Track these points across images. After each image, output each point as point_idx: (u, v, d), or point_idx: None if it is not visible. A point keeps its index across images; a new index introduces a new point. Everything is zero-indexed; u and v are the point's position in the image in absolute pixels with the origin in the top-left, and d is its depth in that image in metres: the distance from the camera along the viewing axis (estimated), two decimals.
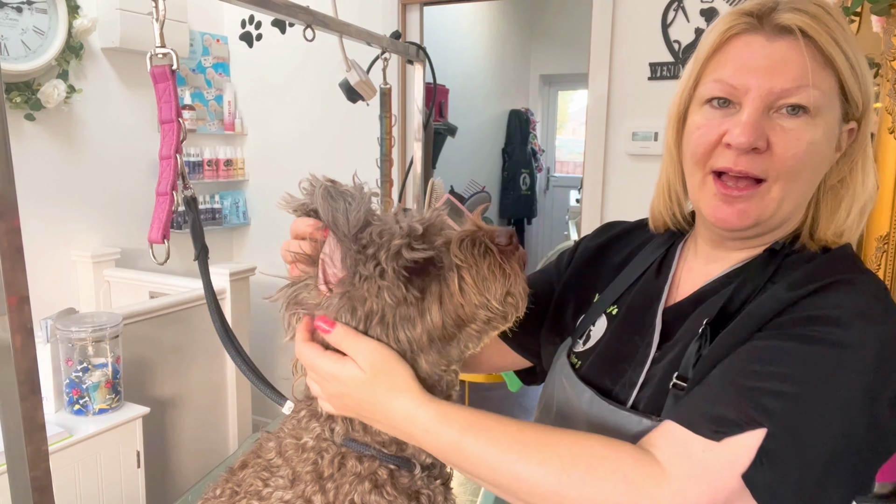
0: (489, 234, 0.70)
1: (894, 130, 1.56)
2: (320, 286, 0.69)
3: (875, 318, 0.65)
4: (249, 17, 3.34)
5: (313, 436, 0.73)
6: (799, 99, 0.67)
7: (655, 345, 0.79)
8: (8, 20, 2.40)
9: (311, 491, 0.69)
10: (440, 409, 0.67)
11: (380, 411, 0.68)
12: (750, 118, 0.68)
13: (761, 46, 0.69)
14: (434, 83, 1.93)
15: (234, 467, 0.78)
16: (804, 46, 0.68)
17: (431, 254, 0.68)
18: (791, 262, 0.74)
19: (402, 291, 0.66)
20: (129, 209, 2.95)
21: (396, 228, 0.68)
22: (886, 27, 1.60)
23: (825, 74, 0.68)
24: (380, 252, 0.66)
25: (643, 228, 0.94)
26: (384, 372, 0.68)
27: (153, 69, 0.99)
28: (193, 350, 2.56)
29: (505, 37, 5.95)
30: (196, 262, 0.98)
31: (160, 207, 0.97)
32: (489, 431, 0.65)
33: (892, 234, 1.57)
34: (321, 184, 0.67)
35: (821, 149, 0.70)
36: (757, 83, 0.69)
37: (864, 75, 0.71)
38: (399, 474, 0.72)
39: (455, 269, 0.68)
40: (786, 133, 0.68)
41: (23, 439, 0.75)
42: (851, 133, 0.74)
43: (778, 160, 0.69)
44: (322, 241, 0.69)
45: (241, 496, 0.73)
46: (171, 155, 0.98)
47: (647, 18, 2.44)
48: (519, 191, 6.13)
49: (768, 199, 0.71)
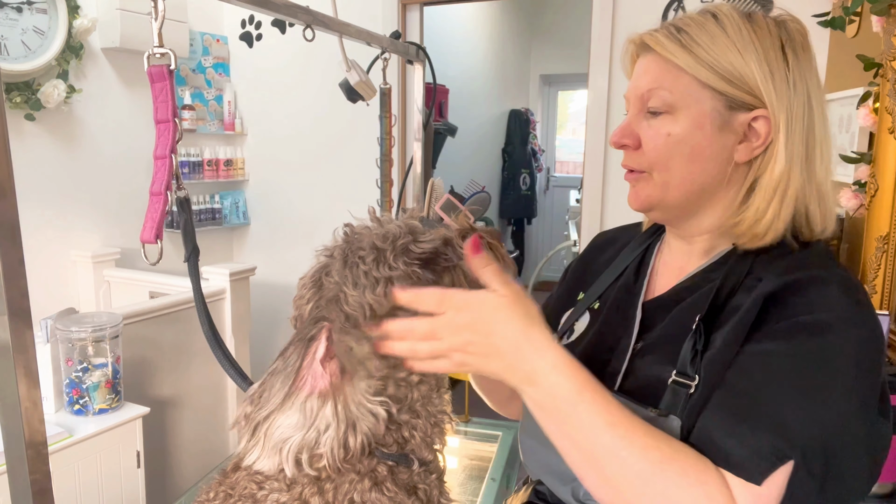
0: (486, 231, 0.78)
1: (894, 130, 1.56)
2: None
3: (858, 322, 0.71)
4: (249, 17, 3.34)
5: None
6: (652, 102, 0.80)
7: (635, 336, 0.85)
8: (8, 20, 2.40)
9: (308, 493, 0.68)
10: (567, 355, 0.68)
11: (506, 337, 0.67)
12: (623, 122, 0.84)
13: (638, 64, 0.85)
14: (434, 83, 1.93)
15: (227, 469, 0.77)
16: (655, 58, 0.81)
17: (438, 244, 0.71)
18: (767, 257, 0.80)
19: (415, 280, 0.68)
20: (129, 209, 2.95)
21: (395, 228, 0.69)
22: (886, 27, 1.60)
23: (675, 76, 0.79)
24: (386, 254, 0.68)
25: (627, 231, 1.04)
26: (523, 300, 0.69)
27: (150, 69, 0.99)
28: (193, 350, 2.56)
29: (505, 37, 5.95)
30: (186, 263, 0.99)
31: (153, 207, 0.97)
32: (604, 396, 0.67)
33: (892, 234, 1.57)
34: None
35: (687, 138, 0.79)
36: (631, 94, 0.84)
37: (737, 66, 0.76)
38: (398, 470, 0.72)
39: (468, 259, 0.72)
40: (649, 129, 0.81)
41: (23, 439, 0.75)
42: (766, 122, 0.77)
43: (645, 153, 0.82)
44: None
45: (236, 499, 0.72)
46: (165, 155, 0.98)
47: (648, 18, 2.44)
48: (519, 191, 6.13)
49: (653, 185, 0.82)
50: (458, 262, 0.72)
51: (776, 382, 0.68)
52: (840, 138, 1.91)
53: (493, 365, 0.69)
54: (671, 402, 0.74)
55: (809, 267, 0.75)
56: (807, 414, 0.66)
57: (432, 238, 0.71)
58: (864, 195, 1.68)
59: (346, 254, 0.69)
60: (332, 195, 3.26)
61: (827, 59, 2.17)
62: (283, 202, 3.42)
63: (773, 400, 0.67)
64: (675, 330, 0.80)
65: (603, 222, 2.62)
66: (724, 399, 0.70)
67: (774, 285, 0.73)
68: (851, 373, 0.68)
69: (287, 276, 3.41)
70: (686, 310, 0.81)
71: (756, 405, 0.68)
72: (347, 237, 0.72)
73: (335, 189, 3.24)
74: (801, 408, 0.66)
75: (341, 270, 0.69)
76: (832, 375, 0.67)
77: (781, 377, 0.68)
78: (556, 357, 0.67)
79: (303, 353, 0.67)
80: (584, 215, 2.68)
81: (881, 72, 1.62)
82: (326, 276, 0.70)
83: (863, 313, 0.71)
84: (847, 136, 1.86)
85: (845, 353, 0.68)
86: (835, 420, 0.66)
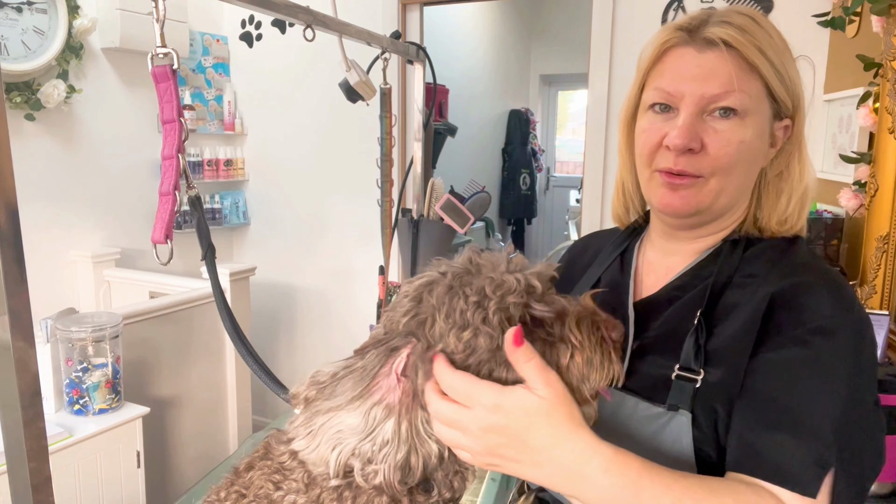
0: (607, 323, 0.70)
1: (894, 130, 1.56)
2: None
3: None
4: (249, 17, 3.34)
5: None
6: (728, 102, 0.76)
7: (632, 337, 0.85)
8: (8, 20, 2.40)
9: (327, 498, 0.67)
10: (614, 450, 0.63)
11: (545, 447, 0.62)
12: (685, 122, 0.77)
13: (693, 57, 0.78)
14: (434, 83, 1.93)
15: (240, 469, 0.75)
16: (729, 56, 0.76)
17: (549, 313, 0.66)
18: (754, 252, 0.82)
19: (499, 342, 0.63)
20: (130, 209, 2.95)
21: (513, 281, 0.65)
22: (886, 27, 1.60)
23: (751, 79, 0.76)
24: (488, 303, 0.63)
25: (599, 236, 1.05)
26: (567, 402, 0.63)
27: (154, 69, 0.99)
28: (193, 350, 2.56)
29: (505, 37, 5.95)
30: (203, 261, 0.98)
31: (163, 207, 0.97)
32: (662, 476, 0.63)
33: (892, 234, 1.57)
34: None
35: (752, 146, 0.78)
36: (690, 90, 0.77)
37: (791, 77, 0.79)
38: (417, 492, 0.69)
39: (570, 345, 0.67)
40: (718, 134, 0.77)
41: (23, 439, 0.75)
42: (787, 130, 0.82)
43: (712, 158, 0.77)
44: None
45: (251, 499, 0.71)
46: (173, 155, 0.98)
47: (647, 18, 2.44)
48: (519, 191, 6.13)
49: (706, 191, 0.79)
50: (557, 343, 0.67)
51: (805, 389, 0.70)
52: (840, 138, 1.91)
53: (529, 472, 0.64)
54: (678, 397, 0.75)
55: (809, 268, 0.78)
56: (837, 416, 0.68)
57: (546, 308, 0.66)
58: (864, 195, 1.68)
59: (455, 280, 0.66)
60: (332, 195, 3.26)
61: (827, 59, 2.16)
62: (282, 202, 3.42)
63: (806, 407, 0.69)
64: (673, 327, 0.81)
65: (603, 222, 2.61)
66: (759, 409, 0.71)
67: (779, 286, 0.75)
68: (866, 369, 0.71)
69: (287, 276, 3.42)
70: (683, 307, 0.82)
71: (790, 413, 0.69)
72: (469, 262, 0.68)
73: (335, 189, 3.24)
74: (831, 412, 0.68)
75: (443, 295, 0.65)
76: (852, 375, 0.70)
77: (808, 383, 0.70)
78: (605, 457, 0.62)
79: (383, 359, 0.65)
80: (584, 215, 2.68)
81: (881, 72, 1.62)
82: (428, 293, 0.67)
83: (861, 311, 0.74)
84: (847, 136, 1.86)
85: (859, 351, 0.71)
86: (859, 417, 0.70)
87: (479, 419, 0.62)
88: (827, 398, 0.69)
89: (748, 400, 0.72)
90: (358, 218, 3.16)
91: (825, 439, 0.67)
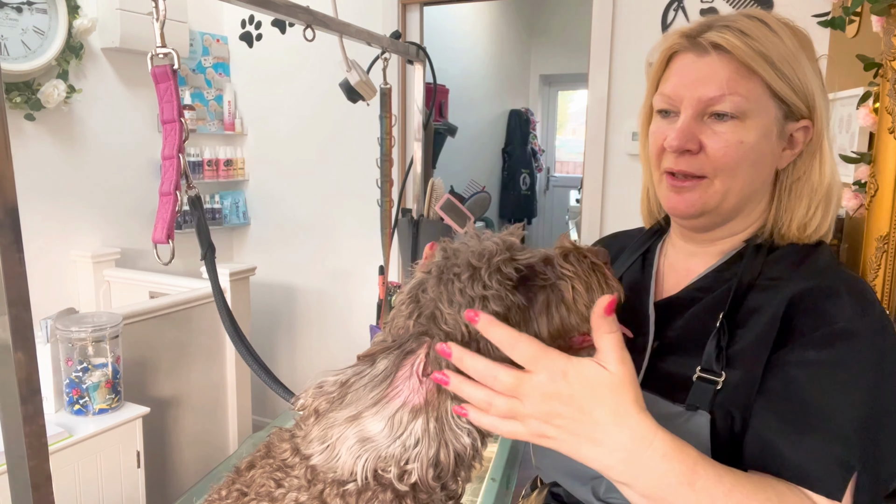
0: (589, 251, 0.72)
1: (894, 130, 1.56)
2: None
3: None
4: (249, 17, 3.34)
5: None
6: (723, 106, 0.77)
7: (652, 336, 0.85)
8: (8, 20, 2.39)
9: (329, 494, 0.67)
10: (672, 437, 0.62)
11: (607, 423, 0.60)
12: (682, 125, 0.80)
13: (692, 62, 0.80)
14: (434, 83, 1.93)
15: (241, 467, 0.75)
16: (725, 60, 0.78)
17: (536, 261, 0.68)
18: (776, 256, 0.83)
19: (511, 298, 0.65)
20: (130, 209, 2.95)
21: (491, 245, 0.67)
22: (886, 27, 1.60)
23: (748, 82, 0.78)
24: (480, 271, 0.65)
25: (618, 238, 1.06)
26: (634, 384, 0.61)
27: (154, 69, 0.99)
28: (193, 350, 2.56)
29: (505, 37, 5.95)
30: (203, 261, 0.98)
31: (164, 207, 0.97)
32: (715, 468, 0.63)
33: (892, 234, 1.57)
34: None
35: (756, 147, 0.79)
36: (688, 94, 0.80)
37: (801, 78, 0.79)
38: (420, 489, 0.69)
39: (567, 278, 0.69)
40: (717, 135, 0.79)
41: (23, 439, 0.75)
42: (807, 131, 0.82)
43: (711, 159, 0.79)
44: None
45: (252, 497, 0.70)
46: (173, 155, 0.98)
47: (647, 18, 2.44)
48: (519, 191, 6.13)
49: (711, 192, 0.81)
50: (555, 281, 0.68)
51: (827, 391, 0.70)
52: (840, 138, 1.91)
53: (585, 450, 0.61)
54: (698, 398, 0.76)
55: (831, 272, 0.78)
56: (860, 418, 0.69)
57: (531, 255, 0.68)
58: (864, 195, 1.68)
59: (441, 270, 0.67)
60: (332, 195, 3.26)
61: (827, 59, 2.17)
62: (282, 202, 3.42)
63: (829, 409, 0.69)
64: (695, 328, 0.82)
65: (603, 222, 2.61)
66: (782, 410, 0.72)
67: (802, 287, 0.75)
68: (890, 372, 0.71)
69: (287, 276, 3.42)
70: (705, 308, 0.83)
71: (813, 415, 0.70)
72: (445, 254, 0.69)
73: (335, 189, 3.24)
74: (854, 413, 0.69)
75: (436, 287, 0.66)
76: (874, 377, 0.70)
77: (830, 385, 0.70)
78: (665, 443, 0.61)
79: (398, 363, 0.64)
80: (584, 215, 2.68)
81: (881, 72, 1.62)
82: (422, 292, 0.68)
83: (883, 314, 0.74)
84: (847, 136, 1.86)
85: (882, 354, 0.71)
86: (882, 418, 0.70)
87: (543, 385, 0.60)
88: (849, 400, 0.69)
89: (769, 401, 0.72)
90: (358, 218, 3.16)
91: (848, 441, 0.68)
